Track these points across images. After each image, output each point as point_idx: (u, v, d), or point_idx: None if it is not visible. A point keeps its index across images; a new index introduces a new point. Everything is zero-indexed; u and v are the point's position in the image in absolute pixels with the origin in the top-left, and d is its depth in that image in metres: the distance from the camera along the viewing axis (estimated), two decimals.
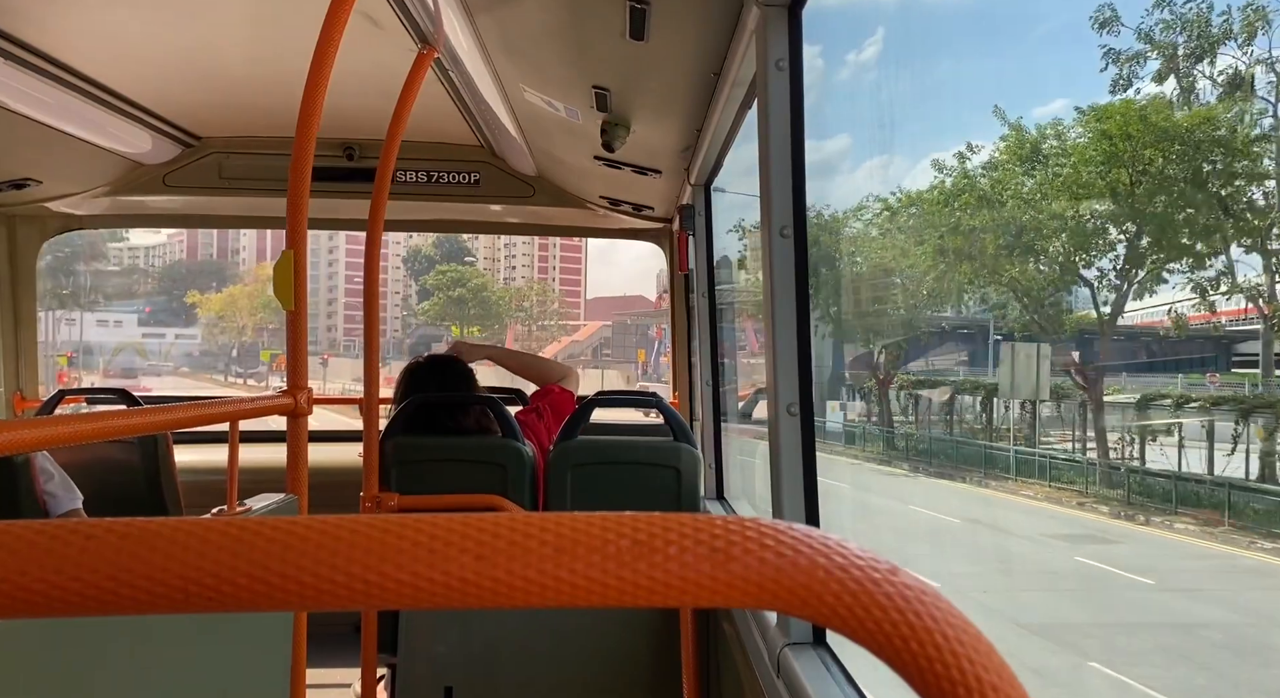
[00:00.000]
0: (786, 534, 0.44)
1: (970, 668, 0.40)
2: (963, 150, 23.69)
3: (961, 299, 28.51)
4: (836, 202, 66.32)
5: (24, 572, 0.39)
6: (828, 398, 28.05)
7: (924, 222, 24.79)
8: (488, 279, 75.87)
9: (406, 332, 77.25)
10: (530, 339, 71.35)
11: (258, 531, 0.40)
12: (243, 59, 2.91)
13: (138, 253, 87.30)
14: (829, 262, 28.88)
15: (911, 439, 26.28)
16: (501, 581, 0.42)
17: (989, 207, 22.89)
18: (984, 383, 26.63)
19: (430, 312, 72.68)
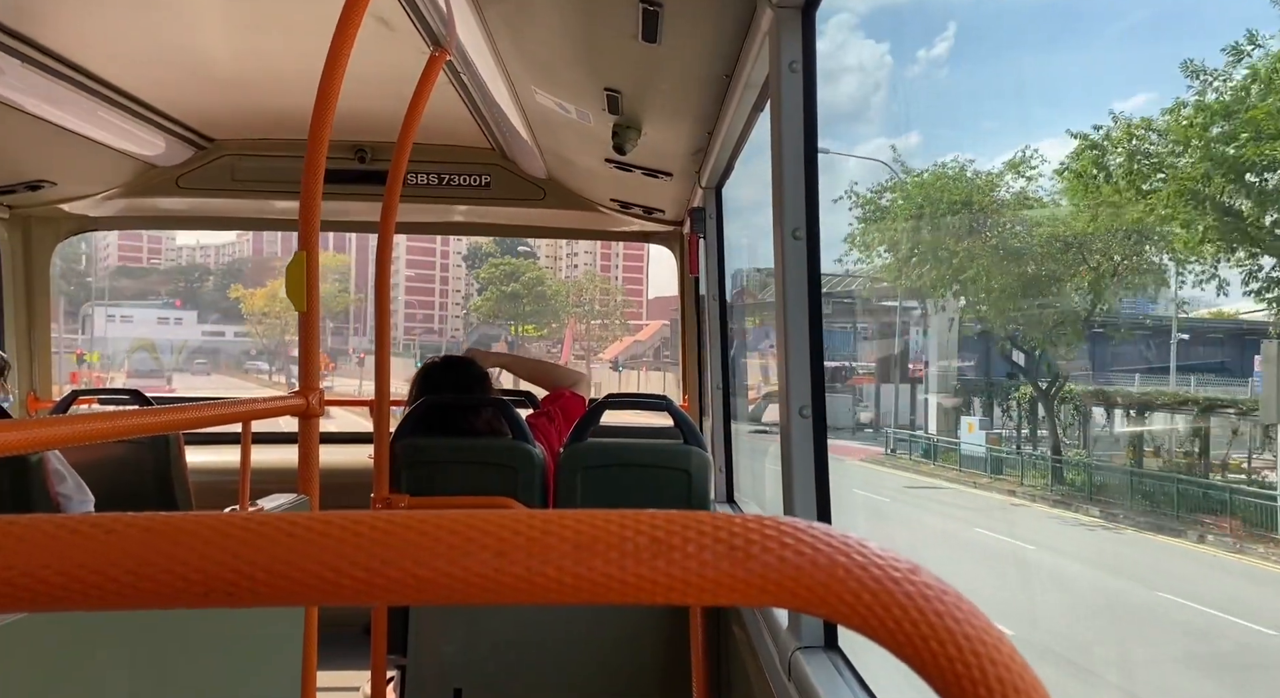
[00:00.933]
0: (805, 533, 0.43)
1: (992, 669, 0.40)
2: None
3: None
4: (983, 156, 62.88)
5: (46, 565, 0.39)
6: (961, 412, 24.05)
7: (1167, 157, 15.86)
8: (544, 272, 68.60)
9: (467, 332, 72.42)
10: (589, 338, 65.47)
11: (280, 526, 0.40)
12: (255, 62, 2.93)
13: (208, 251, 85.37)
14: (973, 232, 21.63)
15: (1098, 471, 18.27)
16: (521, 577, 0.42)
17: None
18: (1204, 398, 18.39)
19: (483, 308, 66.49)
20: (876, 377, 32.81)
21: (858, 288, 28.16)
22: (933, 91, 47.65)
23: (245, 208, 4.09)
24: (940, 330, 25.54)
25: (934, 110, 46.19)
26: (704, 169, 2.98)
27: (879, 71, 62.37)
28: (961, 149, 66.50)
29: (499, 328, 63.99)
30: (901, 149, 26.52)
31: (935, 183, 22.48)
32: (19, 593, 0.39)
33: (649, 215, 4.01)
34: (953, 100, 45.64)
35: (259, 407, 1.89)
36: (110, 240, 71.20)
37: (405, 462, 2.83)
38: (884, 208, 23.81)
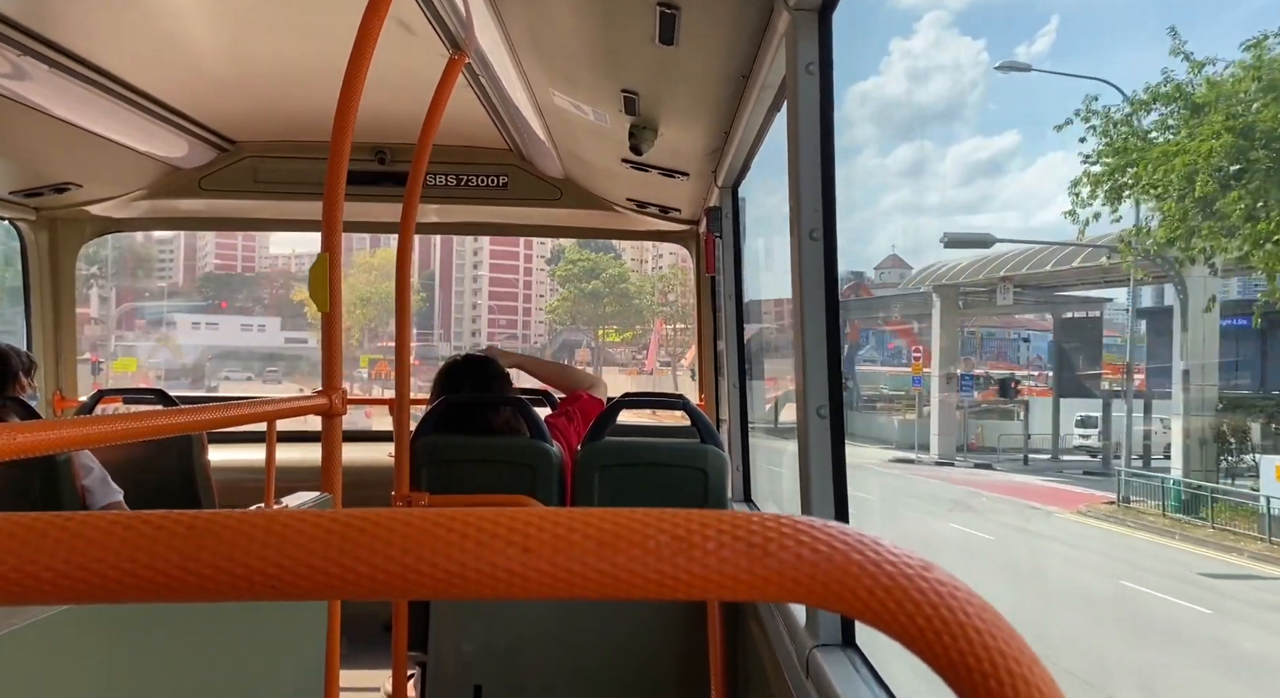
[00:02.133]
0: (821, 531, 0.45)
1: (1003, 662, 0.41)
2: None
3: None
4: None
5: (100, 560, 0.41)
6: (1237, 442, 16.63)
7: None
8: (625, 268, 60.79)
9: (551, 338, 65.04)
10: (676, 344, 57.54)
11: (318, 522, 0.42)
12: (277, 65, 2.96)
13: (302, 260, 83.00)
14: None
15: None
16: (545, 572, 0.44)
17: None
18: None
19: (559, 310, 59.51)
20: (1056, 388, 30.01)
21: (1034, 269, 24.24)
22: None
23: (267, 209, 4.14)
24: (1196, 318, 16.99)
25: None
26: (720, 169, 3.00)
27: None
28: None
29: (582, 333, 58.73)
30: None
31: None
32: (77, 586, 0.41)
33: (665, 215, 4.03)
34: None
35: (283, 407, 1.92)
36: (209, 242, 69.09)
37: (425, 460, 2.86)
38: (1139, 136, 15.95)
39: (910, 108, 57.34)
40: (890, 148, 65.75)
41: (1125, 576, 12.64)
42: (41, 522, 0.42)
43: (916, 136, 57.96)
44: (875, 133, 61.96)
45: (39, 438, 1.24)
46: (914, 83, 67.04)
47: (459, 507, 0.46)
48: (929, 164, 59.62)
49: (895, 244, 31.34)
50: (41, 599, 0.42)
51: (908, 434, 30.19)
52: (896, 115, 61.36)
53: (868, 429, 32.37)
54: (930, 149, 60.16)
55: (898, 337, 41.93)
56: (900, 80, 65.76)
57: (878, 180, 60.57)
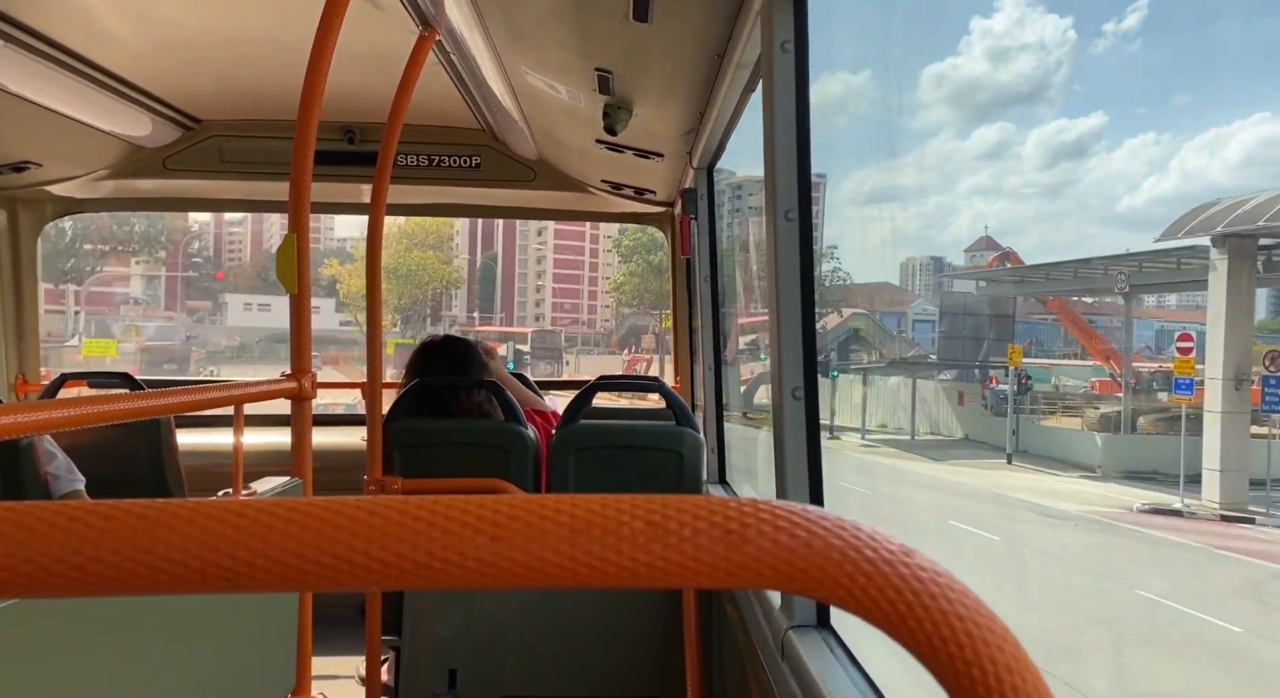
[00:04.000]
0: (800, 516, 0.44)
1: (985, 650, 0.41)
2: None
3: None
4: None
5: (45, 552, 0.39)
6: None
7: None
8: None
9: (619, 322, 58.57)
10: (762, 333, 52.94)
11: (277, 512, 0.41)
12: (242, 42, 2.89)
13: (361, 242, 78.45)
14: None
15: None
16: (518, 561, 0.43)
17: None
18: None
19: (626, 287, 50.90)
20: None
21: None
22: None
23: (234, 189, 4.06)
24: None
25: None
26: (695, 150, 2.97)
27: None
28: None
29: (649, 317, 50.78)
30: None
31: None
32: (19, 580, 0.39)
33: (640, 196, 4.00)
34: None
35: (251, 391, 1.89)
36: (275, 224, 65.51)
37: (398, 444, 2.83)
38: None
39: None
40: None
41: None
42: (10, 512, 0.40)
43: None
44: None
45: (4, 422, 1.20)
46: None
47: (430, 493, 0.45)
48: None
49: (988, 225, 27.00)
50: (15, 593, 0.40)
51: (1118, 454, 22.64)
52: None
53: (1046, 445, 25.11)
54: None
55: (1058, 318, 34.43)
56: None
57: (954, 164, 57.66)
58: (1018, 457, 24.95)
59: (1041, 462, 24.62)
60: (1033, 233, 66.11)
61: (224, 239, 66.55)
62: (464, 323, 67.55)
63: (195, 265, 66.27)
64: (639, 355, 48.14)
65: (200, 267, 67.56)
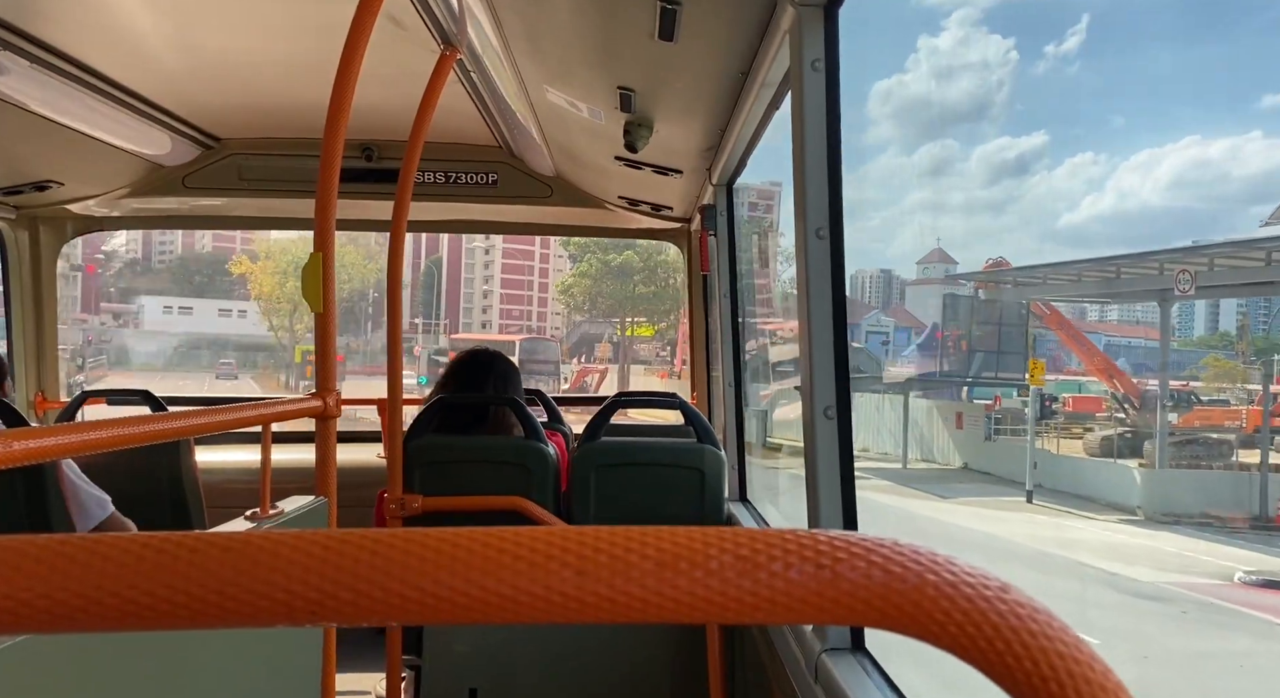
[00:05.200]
0: (893, 549, 0.43)
1: (1087, 688, 0.39)
2: None
3: None
4: None
5: (96, 585, 0.38)
6: None
7: None
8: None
9: (569, 330, 53.54)
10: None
11: (362, 543, 0.40)
12: (262, 61, 2.91)
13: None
14: None
15: None
16: (603, 596, 0.42)
17: None
18: None
19: (576, 289, 44.88)
20: None
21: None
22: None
23: (252, 207, 4.08)
24: None
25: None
26: (715, 166, 2.97)
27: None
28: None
29: (604, 325, 45.29)
30: None
31: None
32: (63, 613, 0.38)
33: (657, 213, 4.00)
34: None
35: (277, 410, 1.89)
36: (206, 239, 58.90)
37: (417, 461, 2.82)
38: None
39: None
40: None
41: None
42: (33, 546, 0.40)
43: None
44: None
45: (31, 446, 1.20)
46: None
47: (450, 511, 0.44)
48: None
49: (940, 237, 25.36)
50: (29, 628, 0.40)
51: (1158, 491, 18.91)
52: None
53: (1070, 478, 21.26)
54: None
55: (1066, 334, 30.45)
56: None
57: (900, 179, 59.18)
58: (1039, 494, 20.97)
59: (1068, 500, 20.72)
60: (978, 248, 67.35)
61: (154, 236, 62.03)
62: (406, 330, 64.29)
63: (122, 264, 59.64)
64: (590, 366, 43.23)
65: (131, 265, 60.84)
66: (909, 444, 27.17)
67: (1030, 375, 24.40)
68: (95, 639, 1.35)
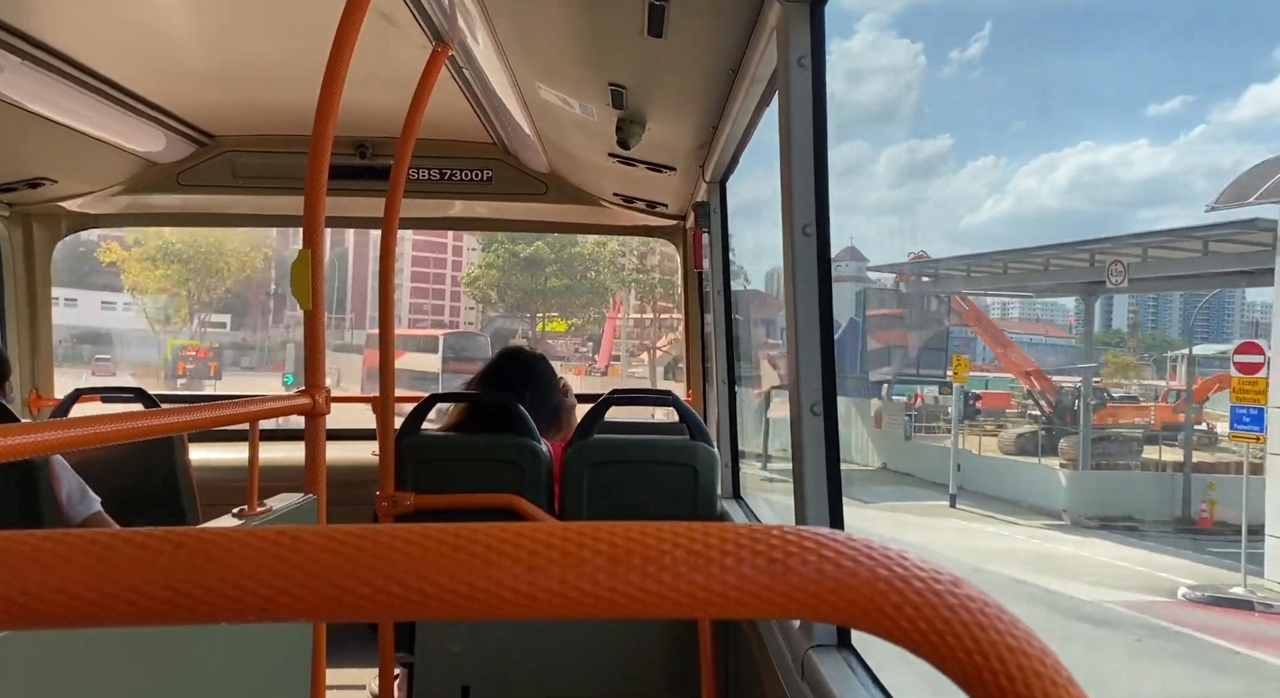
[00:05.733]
0: (845, 545, 0.43)
1: (1038, 683, 0.40)
2: None
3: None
4: None
5: (81, 582, 0.38)
6: None
7: None
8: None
9: (482, 325, 50.59)
10: (642, 334, 40.51)
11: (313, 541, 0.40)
12: (256, 58, 2.91)
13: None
14: None
15: None
16: (554, 591, 0.42)
17: None
18: None
19: (482, 281, 41.76)
20: None
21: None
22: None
23: (246, 204, 4.08)
24: None
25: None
26: (708, 163, 2.97)
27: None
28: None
29: (518, 320, 42.75)
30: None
31: None
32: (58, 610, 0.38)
33: (651, 210, 4.00)
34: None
35: (266, 407, 1.89)
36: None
37: (410, 459, 2.82)
38: None
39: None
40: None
41: None
42: (20, 542, 0.40)
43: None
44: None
45: (20, 442, 1.20)
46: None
47: (443, 509, 0.44)
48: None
49: (852, 236, 24.11)
50: (9, 624, 0.40)
51: (1083, 494, 17.90)
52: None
53: (992, 481, 20.28)
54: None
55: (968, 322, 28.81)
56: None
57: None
58: (962, 497, 19.97)
59: (993, 504, 19.69)
60: (890, 246, 68.34)
61: None
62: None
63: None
64: None
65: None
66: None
67: (953, 372, 23.67)
68: (84, 633, 1.35)
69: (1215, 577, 14.53)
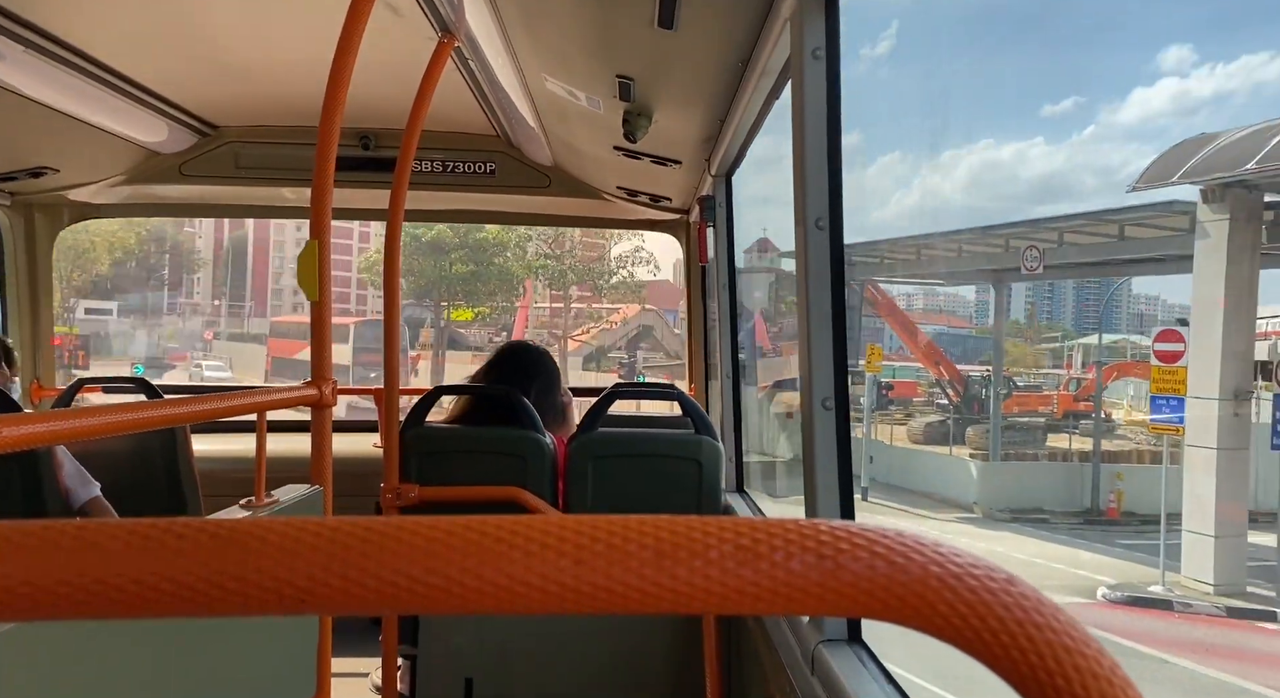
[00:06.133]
0: (896, 541, 0.42)
1: (1094, 684, 0.39)
2: None
3: None
4: None
5: (86, 573, 0.37)
6: None
7: None
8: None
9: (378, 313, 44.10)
10: (553, 325, 39.53)
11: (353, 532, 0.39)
12: (259, 48, 2.89)
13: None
14: None
15: None
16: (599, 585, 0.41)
17: None
18: None
19: (378, 267, 27.13)
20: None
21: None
22: None
23: (248, 195, 4.06)
24: None
25: None
26: (714, 157, 2.96)
27: None
28: None
29: (425, 309, 40.24)
30: None
31: None
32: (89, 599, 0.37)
33: (655, 203, 3.99)
34: None
35: (272, 398, 1.88)
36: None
37: (414, 450, 2.81)
38: None
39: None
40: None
41: None
42: (16, 532, 0.39)
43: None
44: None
45: (25, 432, 1.19)
46: None
47: (447, 501, 0.43)
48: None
49: (766, 228, 22.90)
50: (12, 616, 0.39)
51: (995, 486, 17.45)
52: None
53: (902, 473, 20.02)
54: None
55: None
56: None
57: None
58: (874, 490, 19.47)
59: (904, 497, 19.22)
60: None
61: None
62: (209, 313, 56.67)
63: None
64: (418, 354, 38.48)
65: None
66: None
67: (866, 361, 23.26)
68: (89, 625, 1.34)
69: (1133, 574, 14.15)
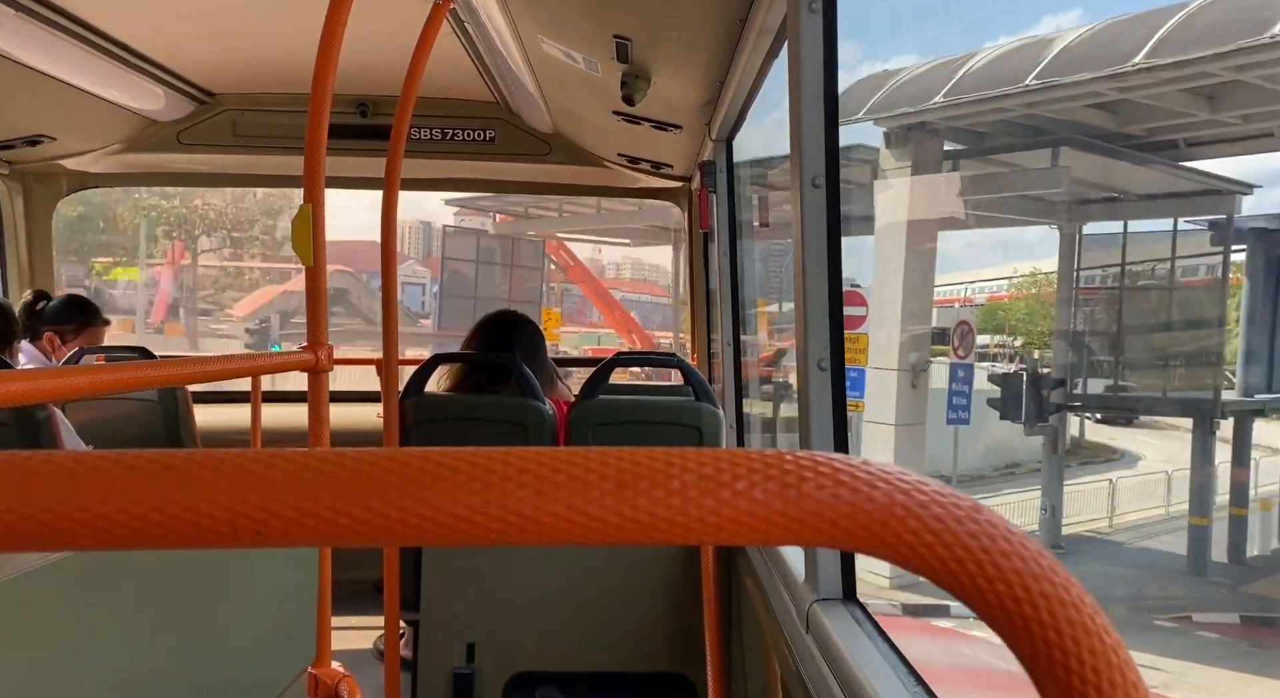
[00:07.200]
0: (861, 469, 0.41)
1: (1062, 611, 0.38)
2: None
3: None
4: None
5: (64, 502, 0.37)
6: None
7: None
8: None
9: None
10: (223, 282, 35.79)
11: (308, 463, 0.38)
12: (256, 14, 2.86)
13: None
14: None
15: None
16: (561, 516, 0.40)
17: None
18: None
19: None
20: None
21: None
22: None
23: (247, 164, 4.04)
24: None
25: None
26: (714, 121, 2.93)
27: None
28: None
29: (351, 277, 36.82)
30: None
31: None
32: (39, 530, 0.37)
33: (657, 171, 3.96)
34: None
35: (267, 362, 1.88)
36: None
37: (414, 419, 2.82)
38: None
39: None
40: None
41: None
42: (13, 463, 0.38)
43: None
44: None
45: (19, 388, 1.19)
46: None
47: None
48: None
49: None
50: (14, 546, 0.39)
51: None
52: None
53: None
54: None
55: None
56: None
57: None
58: None
59: None
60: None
61: None
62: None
63: None
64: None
65: None
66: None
67: (543, 327, 22.23)
68: (85, 588, 1.35)
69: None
